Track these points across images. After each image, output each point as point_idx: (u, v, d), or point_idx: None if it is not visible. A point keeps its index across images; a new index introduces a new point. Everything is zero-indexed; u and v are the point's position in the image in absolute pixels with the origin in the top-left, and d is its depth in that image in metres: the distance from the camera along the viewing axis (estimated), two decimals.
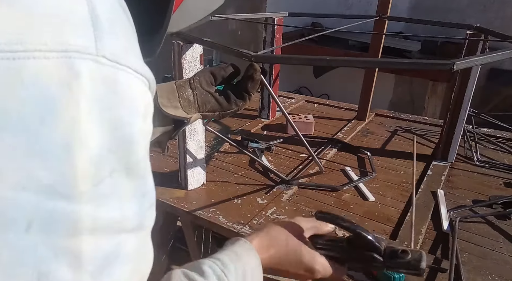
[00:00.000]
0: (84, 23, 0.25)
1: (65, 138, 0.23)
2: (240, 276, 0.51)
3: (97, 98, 0.25)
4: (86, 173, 0.25)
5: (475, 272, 1.00)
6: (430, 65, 0.83)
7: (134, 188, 0.28)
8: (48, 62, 0.23)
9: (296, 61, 0.95)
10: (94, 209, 0.25)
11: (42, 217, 0.23)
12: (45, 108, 0.23)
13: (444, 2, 5.14)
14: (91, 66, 0.25)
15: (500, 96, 4.43)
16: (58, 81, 0.23)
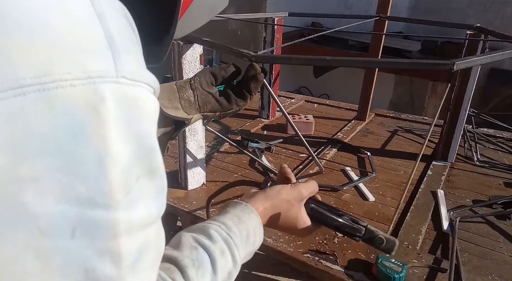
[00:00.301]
0: (102, 47, 0.28)
1: (98, 155, 0.26)
2: (244, 237, 0.54)
3: (122, 116, 0.28)
4: (119, 183, 0.28)
5: (475, 272, 1.00)
6: (430, 65, 0.83)
7: (156, 187, 0.32)
8: (75, 89, 0.25)
9: (296, 61, 0.95)
10: (127, 214, 0.29)
11: (84, 225, 0.27)
12: (77, 131, 0.26)
13: (444, 2, 5.14)
14: (114, 88, 0.27)
15: (500, 96, 4.44)
16: (85, 106, 0.26)
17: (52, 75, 0.25)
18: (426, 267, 1.00)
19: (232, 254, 0.51)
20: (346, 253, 1.06)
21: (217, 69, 0.89)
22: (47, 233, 0.25)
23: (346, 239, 1.12)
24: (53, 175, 0.25)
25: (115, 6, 0.31)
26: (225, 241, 0.51)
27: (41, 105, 0.24)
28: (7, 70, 0.24)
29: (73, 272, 0.27)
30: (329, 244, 1.09)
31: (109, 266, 0.28)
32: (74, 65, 0.26)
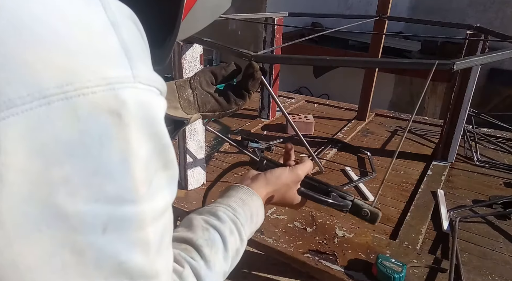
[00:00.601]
0: (119, 54, 0.29)
1: (122, 155, 0.29)
2: (248, 218, 0.59)
3: (141, 118, 0.30)
4: (142, 179, 0.30)
5: (475, 272, 1.00)
6: (430, 65, 0.83)
7: (170, 177, 0.34)
8: (96, 96, 0.27)
9: (296, 61, 0.95)
10: (151, 205, 0.31)
11: (115, 221, 0.29)
12: (102, 134, 0.28)
13: (444, 2, 5.14)
14: (132, 93, 0.29)
15: (500, 96, 4.44)
16: (108, 111, 0.28)
17: (73, 84, 0.26)
18: (426, 267, 1.01)
19: (239, 233, 0.55)
20: (346, 253, 1.06)
21: (217, 68, 0.89)
22: (80, 230, 0.28)
23: (346, 238, 1.12)
24: (82, 177, 0.27)
25: (125, 13, 0.32)
26: (233, 221, 0.55)
27: (65, 112, 0.26)
28: (31, 82, 0.25)
29: (107, 265, 0.29)
30: (329, 244, 1.09)
31: (140, 255, 0.31)
32: (94, 73, 0.27)
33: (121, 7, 0.32)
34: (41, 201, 0.26)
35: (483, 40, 1.40)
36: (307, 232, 1.14)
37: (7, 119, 0.25)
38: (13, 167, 0.25)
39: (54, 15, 0.27)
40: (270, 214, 1.22)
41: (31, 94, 0.25)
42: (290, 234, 1.13)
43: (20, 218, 0.26)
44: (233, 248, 0.53)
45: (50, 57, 0.26)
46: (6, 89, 0.25)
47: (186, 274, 0.43)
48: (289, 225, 1.17)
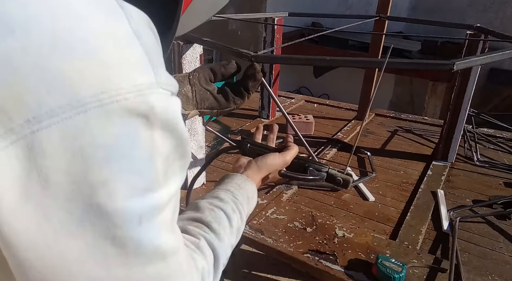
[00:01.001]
0: (144, 62, 0.32)
1: (149, 152, 0.32)
2: (245, 199, 0.65)
3: (165, 119, 0.33)
4: (162, 170, 0.34)
5: (475, 272, 1.00)
6: (430, 65, 0.83)
7: (184, 165, 0.38)
8: (128, 102, 0.29)
9: (296, 61, 0.95)
10: (167, 190, 0.35)
11: (146, 211, 0.32)
12: (133, 136, 0.31)
13: (444, 2, 5.14)
14: (158, 97, 0.32)
15: (500, 96, 4.44)
16: (138, 115, 0.30)
17: (108, 92, 0.29)
18: (426, 267, 1.01)
19: (240, 212, 0.61)
20: (346, 253, 1.06)
21: (216, 66, 0.89)
22: (120, 225, 0.31)
23: (346, 238, 1.12)
24: (118, 177, 0.30)
25: (144, 21, 0.35)
26: (233, 202, 0.61)
27: (101, 119, 0.29)
28: (69, 92, 0.28)
29: (145, 252, 0.33)
30: (329, 244, 1.09)
31: (166, 235, 0.35)
32: (125, 81, 0.30)
33: (141, 16, 0.34)
34: (83, 201, 0.29)
35: (483, 40, 1.40)
36: (307, 232, 1.15)
37: (49, 128, 0.27)
38: (56, 170, 0.28)
39: (83, 27, 0.29)
40: (270, 214, 1.22)
41: (70, 103, 0.27)
42: (290, 234, 1.13)
43: (65, 215, 0.29)
44: (236, 225, 0.59)
45: (85, 68, 0.28)
46: (47, 99, 0.27)
47: (202, 244, 0.49)
48: (289, 225, 1.17)
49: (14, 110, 0.27)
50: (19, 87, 0.27)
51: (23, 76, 0.27)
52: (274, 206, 1.26)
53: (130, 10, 0.33)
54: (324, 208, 1.28)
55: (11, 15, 0.27)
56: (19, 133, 0.27)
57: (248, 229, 1.14)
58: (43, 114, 0.27)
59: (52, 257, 0.30)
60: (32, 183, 0.27)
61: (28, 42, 0.27)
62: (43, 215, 0.28)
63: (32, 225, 0.28)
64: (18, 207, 0.28)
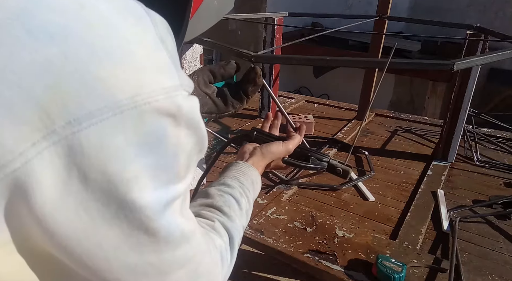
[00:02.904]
0: (170, 66, 0.34)
1: (174, 149, 0.35)
2: (250, 184, 0.69)
3: (190, 118, 0.36)
4: (184, 164, 0.37)
5: (475, 272, 1.00)
6: (430, 65, 0.83)
7: (201, 157, 0.41)
8: (158, 103, 0.32)
9: (296, 61, 0.95)
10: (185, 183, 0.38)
11: (169, 201, 0.35)
12: (162, 134, 0.33)
13: (444, 2, 5.14)
14: (183, 98, 0.34)
15: (500, 96, 4.43)
16: (167, 115, 0.33)
17: (141, 95, 0.31)
18: (426, 267, 1.01)
19: (247, 195, 0.65)
20: (346, 253, 1.06)
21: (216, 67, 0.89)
22: (151, 217, 0.34)
23: (346, 239, 1.12)
24: (147, 172, 0.33)
25: (165, 26, 0.37)
26: (240, 187, 0.65)
27: (135, 119, 0.31)
28: (106, 95, 0.30)
29: (174, 238, 0.37)
30: (329, 244, 1.09)
31: (186, 220, 0.39)
32: (156, 84, 0.32)
33: (163, 22, 0.37)
34: (118, 196, 0.31)
35: (483, 40, 1.40)
36: (307, 232, 1.15)
37: (88, 129, 0.29)
38: (94, 168, 0.30)
39: (116, 35, 0.32)
40: (270, 214, 1.22)
41: (107, 105, 0.30)
42: (290, 234, 1.13)
43: (103, 208, 0.31)
44: (245, 208, 0.62)
45: (121, 73, 0.30)
46: (87, 103, 0.29)
47: (217, 225, 0.52)
48: (289, 225, 1.17)
49: (56, 112, 0.28)
50: (61, 91, 0.29)
51: (64, 81, 0.29)
52: (274, 206, 1.26)
53: (155, 16, 0.36)
54: (324, 208, 1.28)
55: (50, 23, 0.29)
56: (61, 134, 0.29)
57: (248, 229, 1.14)
58: (83, 116, 0.29)
59: (90, 245, 0.33)
60: (73, 180, 0.30)
61: (68, 48, 0.29)
62: (83, 208, 0.31)
63: (73, 217, 0.31)
64: (60, 201, 0.30)
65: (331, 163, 0.80)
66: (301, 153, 0.81)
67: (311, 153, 0.81)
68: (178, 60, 0.37)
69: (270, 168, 0.81)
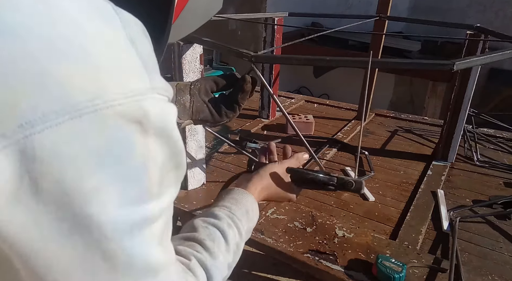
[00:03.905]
0: (139, 68, 0.32)
1: (143, 160, 0.31)
2: (244, 213, 0.62)
3: (160, 126, 0.32)
4: (156, 180, 0.33)
5: (475, 272, 1.00)
6: (430, 65, 0.83)
7: (179, 176, 0.37)
8: (122, 107, 0.29)
9: (296, 61, 0.95)
10: (160, 201, 0.34)
11: (138, 222, 0.31)
12: (127, 143, 0.30)
13: (444, 2, 5.14)
14: (152, 103, 0.31)
15: (500, 96, 4.43)
16: (132, 120, 0.30)
17: (102, 97, 0.28)
18: (426, 267, 1.01)
19: (237, 226, 0.58)
20: (346, 253, 1.06)
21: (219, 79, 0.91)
22: (111, 237, 0.30)
23: (346, 238, 1.12)
24: (110, 184, 0.29)
25: (139, 28, 0.35)
26: (229, 217, 0.59)
27: (95, 124, 0.28)
28: (64, 97, 0.27)
29: (136, 266, 0.32)
30: (329, 244, 1.09)
31: (157, 249, 0.34)
32: (120, 87, 0.30)
33: (136, 23, 0.34)
34: (74, 209, 0.28)
35: (483, 40, 1.40)
36: (307, 232, 1.14)
37: (42, 133, 0.26)
38: (48, 176, 0.27)
39: (80, 34, 0.29)
40: (270, 214, 1.22)
41: (64, 108, 0.27)
42: (290, 234, 1.13)
43: (55, 223, 0.28)
44: (233, 241, 0.56)
45: (80, 74, 0.28)
46: (41, 104, 0.27)
47: (193, 265, 0.46)
48: (289, 225, 1.17)
49: (6, 115, 0.26)
50: (12, 91, 0.26)
51: (17, 80, 0.26)
52: (274, 206, 1.26)
53: (125, 16, 0.33)
54: (324, 208, 1.28)
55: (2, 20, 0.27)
56: (11, 138, 0.26)
57: None
58: (36, 119, 0.26)
59: (40, 262, 0.29)
60: (24, 188, 0.27)
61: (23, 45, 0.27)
62: (32, 221, 0.28)
63: (21, 230, 0.28)
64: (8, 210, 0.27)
65: (340, 177, 0.75)
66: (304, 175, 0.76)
67: (317, 173, 0.76)
68: (153, 62, 0.34)
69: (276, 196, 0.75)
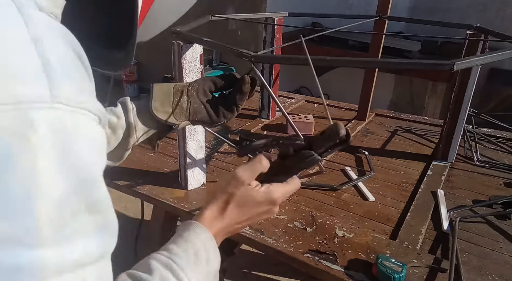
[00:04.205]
0: (36, 73, 0.26)
1: (25, 188, 0.24)
2: (192, 256, 0.51)
3: (57, 144, 0.25)
4: (49, 219, 0.25)
5: (475, 272, 1.00)
6: (430, 65, 0.83)
7: (97, 223, 0.29)
8: (2, 115, 0.23)
9: (296, 61, 0.95)
10: (58, 252, 0.25)
11: (6, 269, 0.23)
12: (3, 160, 0.23)
13: (444, 2, 5.14)
14: (48, 114, 0.25)
15: (500, 96, 4.43)
16: (13, 133, 0.24)
17: None
18: (426, 267, 1.00)
19: (177, 276, 0.48)
20: (346, 253, 1.06)
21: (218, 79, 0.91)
22: None
23: (346, 238, 1.12)
24: None
25: (56, 31, 0.30)
26: (166, 266, 0.48)
27: None
28: None
29: None
30: (329, 244, 1.09)
31: None
32: (3, 92, 0.24)
33: (52, 25, 0.30)
34: None
35: (483, 40, 1.40)
36: (307, 232, 1.14)
37: None
38: None
39: None
40: None
41: None
42: (290, 234, 1.13)
43: None
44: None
45: None
46: None
47: None
48: (289, 225, 1.17)
49: None
50: None
51: None
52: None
53: (31, 16, 0.28)
54: (324, 208, 1.28)
55: None
56: None
57: (248, 229, 1.14)
58: None
59: None
60: None
61: None
62: None
63: None
64: None
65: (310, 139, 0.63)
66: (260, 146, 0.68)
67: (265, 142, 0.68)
68: (69, 70, 0.29)
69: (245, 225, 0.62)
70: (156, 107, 0.84)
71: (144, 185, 1.37)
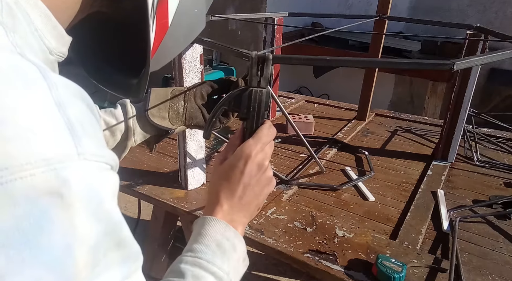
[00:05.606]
0: (62, 133, 0.28)
1: (65, 240, 0.26)
2: (215, 248, 0.51)
3: (88, 197, 0.28)
4: (86, 262, 0.28)
5: (475, 272, 1.00)
6: (430, 65, 0.83)
7: (122, 256, 0.32)
8: (35, 178, 0.25)
9: (296, 61, 0.94)
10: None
11: None
12: (41, 219, 0.25)
13: (444, 2, 5.14)
14: (76, 171, 0.28)
15: (500, 96, 4.43)
16: (48, 193, 0.26)
17: (10, 168, 0.25)
18: (426, 267, 1.01)
19: (210, 271, 0.49)
20: (346, 253, 1.06)
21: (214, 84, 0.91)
22: None
23: (346, 238, 1.12)
24: (18, 269, 0.24)
25: (72, 91, 0.32)
26: (194, 265, 0.49)
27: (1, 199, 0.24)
28: None
29: None
30: (329, 244, 1.09)
31: None
32: (34, 155, 0.26)
33: (68, 85, 0.32)
34: None
35: (483, 40, 1.40)
36: (307, 232, 1.14)
37: None
38: None
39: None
40: (270, 214, 1.22)
41: None
42: (290, 234, 1.13)
43: None
44: None
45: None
46: None
47: None
48: (289, 225, 1.17)
49: None
50: None
51: None
52: (274, 206, 1.26)
53: (53, 80, 0.31)
54: (324, 208, 1.28)
55: None
56: None
57: (248, 229, 1.14)
58: None
59: None
60: None
61: None
62: None
63: None
64: None
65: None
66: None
67: None
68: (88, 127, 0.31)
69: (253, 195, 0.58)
70: (152, 112, 0.86)
71: (144, 185, 1.37)
